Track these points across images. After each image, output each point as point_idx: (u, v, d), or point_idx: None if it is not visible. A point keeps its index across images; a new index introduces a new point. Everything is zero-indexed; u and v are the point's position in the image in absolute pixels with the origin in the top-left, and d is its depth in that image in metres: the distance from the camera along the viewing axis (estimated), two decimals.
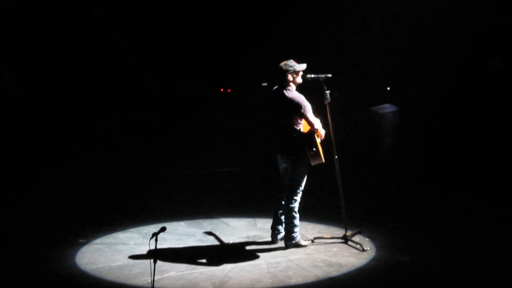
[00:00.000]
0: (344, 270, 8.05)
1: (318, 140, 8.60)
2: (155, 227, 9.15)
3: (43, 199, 11.05)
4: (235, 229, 9.53)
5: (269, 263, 8.26)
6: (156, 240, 6.71)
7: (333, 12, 13.57)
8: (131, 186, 11.93)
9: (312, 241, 8.89)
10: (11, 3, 13.03)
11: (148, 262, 8.07)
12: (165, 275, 7.82)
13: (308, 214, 9.85)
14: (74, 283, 7.69)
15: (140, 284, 7.66)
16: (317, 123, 8.60)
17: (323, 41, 13.69)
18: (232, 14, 14.21)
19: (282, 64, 8.62)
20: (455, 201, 10.82)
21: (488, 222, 9.76)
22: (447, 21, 12.69)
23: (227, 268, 8.08)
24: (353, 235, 8.99)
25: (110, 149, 13.51)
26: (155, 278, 7.67)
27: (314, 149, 8.50)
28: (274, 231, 8.94)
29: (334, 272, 7.98)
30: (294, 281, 7.76)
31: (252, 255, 8.53)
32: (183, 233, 9.37)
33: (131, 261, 8.33)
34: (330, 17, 13.60)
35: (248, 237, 9.21)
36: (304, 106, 8.50)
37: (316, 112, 8.68)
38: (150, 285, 7.53)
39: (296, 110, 8.52)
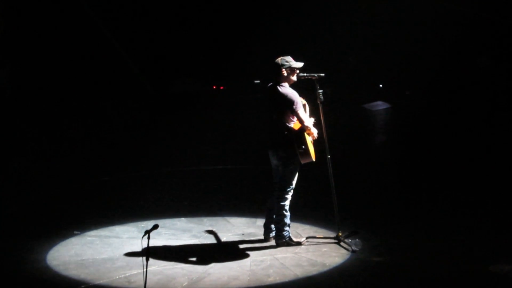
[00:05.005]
0: (325, 270, 7.97)
1: (310, 139, 8.55)
2: (154, 222, 9.15)
3: (40, 194, 11.23)
4: (233, 226, 9.54)
5: (253, 260, 8.25)
6: (148, 237, 6.71)
7: (327, 10, 13.46)
8: (132, 182, 12.03)
9: (300, 243, 8.77)
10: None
11: (134, 256, 8.24)
12: (144, 270, 7.86)
13: (306, 213, 9.80)
14: (49, 275, 7.80)
15: (115, 277, 7.74)
16: (308, 122, 8.55)
17: (317, 38, 13.59)
18: (226, 11, 14.25)
19: (278, 59, 8.59)
20: (449, 199, 10.55)
21: (485, 222, 9.48)
22: (439, 19, 12.47)
23: (209, 265, 8.10)
24: (348, 235, 8.88)
25: (108, 146, 13.65)
26: (135, 272, 7.81)
27: (303, 146, 8.44)
28: (267, 229, 8.92)
29: (314, 271, 7.92)
30: (271, 279, 7.73)
31: (239, 252, 8.54)
32: (180, 229, 9.44)
33: (118, 254, 8.40)
34: (323, 14, 13.51)
35: (243, 234, 9.21)
36: (296, 103, 8.47)
37: (311, 112, 8.64)
38: (125, 280, 7.68)
39: (288, 106, 8.48)
